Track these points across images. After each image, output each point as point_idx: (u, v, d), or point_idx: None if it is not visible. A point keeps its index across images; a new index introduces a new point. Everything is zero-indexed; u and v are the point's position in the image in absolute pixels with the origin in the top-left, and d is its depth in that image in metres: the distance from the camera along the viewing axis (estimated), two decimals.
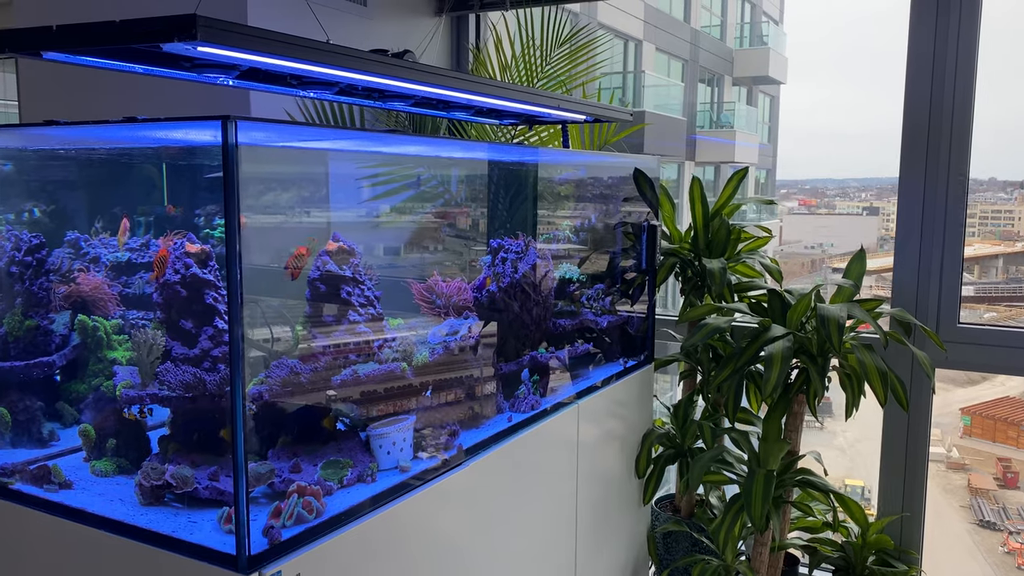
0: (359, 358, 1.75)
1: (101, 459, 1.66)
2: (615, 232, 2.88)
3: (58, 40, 1.49)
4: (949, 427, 19.94)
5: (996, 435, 19.26)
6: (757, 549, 2.64)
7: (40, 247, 1.80)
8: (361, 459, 1.69)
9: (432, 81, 1.95)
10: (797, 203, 31.31)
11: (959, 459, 18.67)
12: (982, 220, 28.23)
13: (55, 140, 1.75)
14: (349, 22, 3.14)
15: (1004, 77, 31.40)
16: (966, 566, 14.80)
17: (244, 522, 1.35)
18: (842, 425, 19.67)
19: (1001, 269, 25.75)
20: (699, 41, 18.06)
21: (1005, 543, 15.34)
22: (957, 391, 21.20)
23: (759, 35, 20.61)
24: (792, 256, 25.25)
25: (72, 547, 1.54)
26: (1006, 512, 16.36)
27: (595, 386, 2.55)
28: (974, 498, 16.99)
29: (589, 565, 2.56)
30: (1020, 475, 17.78)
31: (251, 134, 1.34)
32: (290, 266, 1.66)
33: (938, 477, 18.20)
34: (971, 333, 2.78)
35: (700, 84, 18.29)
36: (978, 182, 27.52)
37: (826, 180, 26.12)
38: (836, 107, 49.83)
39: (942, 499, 17.34)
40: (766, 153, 21.23)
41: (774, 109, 22.68)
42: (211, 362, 1.61)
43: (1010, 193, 29.03)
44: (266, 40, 1.50)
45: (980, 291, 23.59)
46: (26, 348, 1.80)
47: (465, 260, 2.28)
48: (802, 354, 2.52)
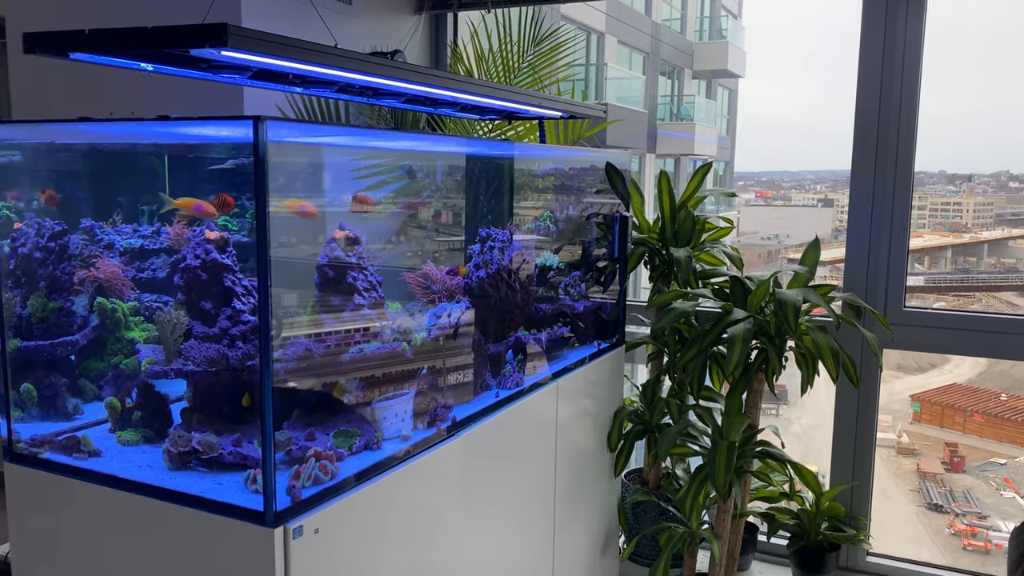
0: (364, 338, 1.91)
1: (127, 429, 1.80)
2: (589, 222, 3.07)
3: (90, 43, 1.61)
4: (900, 413, 20.56)
5: (944, 421, 19.87)
6: (720, 516, 2.85)
7: (63, 233, 1.93)
8: (368, 429, 1.85)
9: (425, 81, 2.12)
10: (754, 195, 31.86)
11: (909, 444, 19.25)
12: (932, 212, 29.01)
13: (82, 135, 1.87)
14: (334, 19, 3.28)
15: (954, 74, 32.27)
16: (914, 548, 15.34)
17: (272, 481, 1.51)
18: (797, 412, 20.18)
19: (950, 260, 26.53)
20: (660, 34, 18.34)
21: (951, 525, 15.89)
22: (908, 378, 21.85)
23: (718, 29, 20.97)
24: (749, 247, 25.74)
25: (106, 509, 1.68)
26: (952, 495, 16.94)
27: (571, 366, 2.74)
28: (922, 482, 17.55)
29: (566, 533, 2.75)
30: (966, 459, 18.38)
31: (278, 131, 1.48)
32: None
33: (889, 462, 18.77)
34: (916, 316, 3.02)
35: (661, 77, 18.58)
36: (928, 175, 28.26)
37: (782, 172, 26.67)
38: (793, 101, 50.81)
39: (892, 483, 17.91)
40: (724, 146, 21.64)
41: (732, 102, 23.11)
42: (230, 339, 1.75)
43: (959, 186, 29.87)
44: (285, 46, 1.64)
45: (930, 281, 24.31)
46: (49, 329, 1.92)
47: (456, 252, 2.45)
48: (761, 335, 2.73)
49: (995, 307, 22.54)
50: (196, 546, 1.59)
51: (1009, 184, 28.80)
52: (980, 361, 20.91)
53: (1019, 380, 20.75)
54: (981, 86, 29.61)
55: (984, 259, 26.82)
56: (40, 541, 1.80)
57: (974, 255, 27.01)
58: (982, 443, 18.92)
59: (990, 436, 19.07)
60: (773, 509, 3.16)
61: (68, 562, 1.76)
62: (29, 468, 1.78)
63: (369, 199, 1.95)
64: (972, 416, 19.53)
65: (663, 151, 17.48)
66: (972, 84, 30.93)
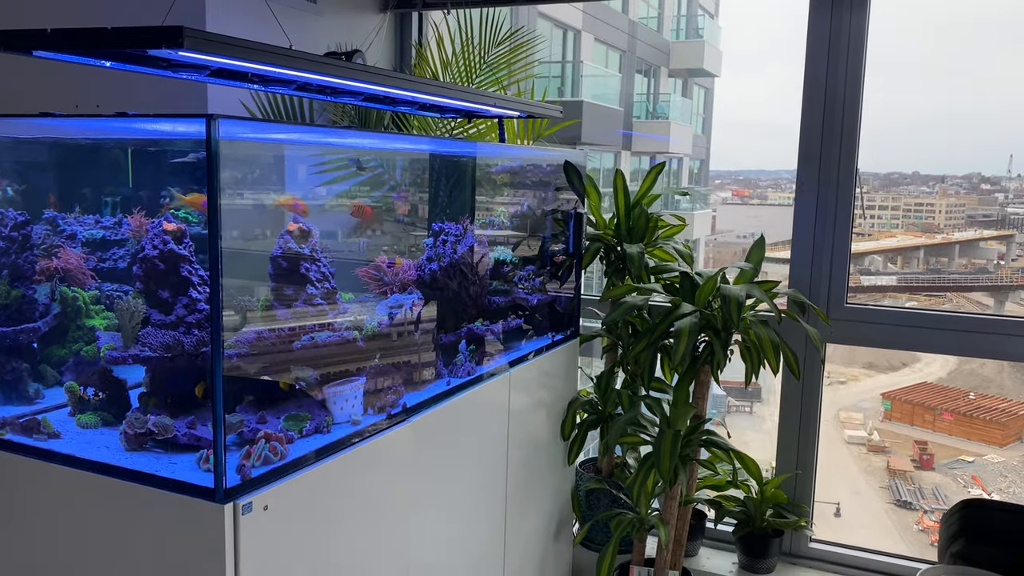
0: (316, 326, 2.00)
1: (86, 413, 1.88)
2: (546, 219, 3.17)
3: (52, 42, 1.68)
4: (871, 411, 20.84)
5: (914, 419, 20.14)
6: (667, 503, 2.97)
7: (25, 223, 2.00)
8: (318, 413, 1.94)
9: (378, 81, 2.20)
10: (731, 193, 32.11)
11: (879, 442, 19.52)
12: (905, 213, 29.38)
13: (43, 130, 1.94)
14: (300, 18, 3.35)
15: (928, 74, 32.72)
16: (883, 543, 15.57)
17: (222, 459, 1.60)
18: (771, 410, 20.39)
19: (922, 260, 26.89)
20: (636, 32, 18.48)
21: (920, 522, 16.15)
22: (879, 376, 22.15)
23: (695, 28, 21.15)
24: (725, 245, 25.96)
25: (64, 488, 1.76)
26: (922, 492, 17.20)
27: (525, 357, 2.84)
28: (892, 479, 17.81)
29: (519, 518, 2.85)
30: (935, 457, 18.67)
31: (229, 128, 1.57)
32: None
33: (859, 459, 19.04)
34: (857, 312, 3.14)
35: (637, 75, 18.73)
36: (902, 175, 28.61)
37: (759, 171, 26.88)
38: (770, 101, 51.32)
39: (862, 480, 18.17)
40: (700, 144, 21.84)
41: (708, 101, 23.31)
42: (186, 327, 1.84)
43: (932, 187, 30.25)
44: (238, 47, 1.72)
45: (902, 281, 24.62)
46: (12, 316, 1.99)
47: (406, 244, 2.54)
48: (708, 329, 2.85)
49: (966, 307, 22.88)
50: (151, 522, 1.67)
51: (981, 186, 29.21)
52: (950, 360, 21.23)
53: (987, 379, 21.09)
54: (954, 87, 30.05)
55: (955, 260, 27.19)
56: (1, 519, 1.87)
57: (946, 255, 27.38)
58: (951, 441, 19.19)
59: (959, 434, 19.35)
60: (720, 497, 3.28)
61: (26, 537, 1.83)
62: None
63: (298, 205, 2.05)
64: (941, 414, 19.79)
65: (639, 149, 17.64)
66: (946, 85, 31.39)
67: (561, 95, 14.68)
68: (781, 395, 3.31)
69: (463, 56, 3.55)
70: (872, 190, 24.76)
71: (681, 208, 16.63)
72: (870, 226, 25.00)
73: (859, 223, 20.19)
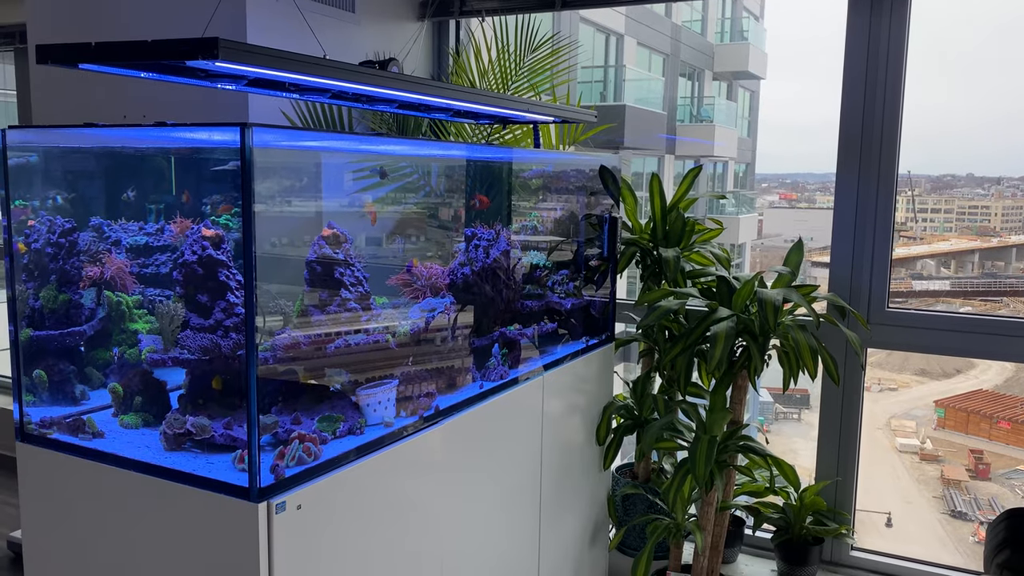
0: (350, 330, 2.04)
1: (128, 413, 1.94)
2: (581, 223, 3.18)
3: (96, 55, 1.75)
4: (924, 419, 20.38)
5: (969, 427, 19.63)
6: (704, 509, 2.95)
7: (72, 231, 2.07)
8: (351, 415, 1.97)
9: (411, 88, 2.24)
10: (778, 197, 31.65)
11: (933, 451, 19.08)
12: (959, 215, 28.65)
13: (89, 139, 2.01)
14: (339, 27, 3.41)
15: (982, 75, 31.92)
16: (937, 555, 15.20)
17: (256, 459, 1.64)
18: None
19: (977, 264, 26.20)
20: (680, 36, 18.37)
21: (976, 533, 15.73)
22: (932, 384, 21.64)
23: (739, 31, 20.94)
24: (771, 249, 25.61)
25: (106, 485, 1.82)
26: (977, 503, 16.75)
27: (560, 361, 2.85)
28: (947, 489, 17.38)
29: (553, 522, 2.86)
30: (992, 466, 18.19)
31: (263, 137, 1.61)
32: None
33: (912, 468, 18.62)
34: (898, 316, 3.09)
35: (681, 78, 18.60)
36: (956, 177, 27.93)
37: (807, 175, 26.45)
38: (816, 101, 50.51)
39: (915, 489, 17.76)
40: (746, 147, 21.60)
41: (754, 104, 23.04)
42: (223, 330, 1.89)
43: (987, 189, 29.47)
44: (271, 57, 1.77)
45: (956, 285, 24.03)
46: (59, 319, 2.07)
47: (446, 249, 2.57)
48: (745, 334, 2.83)
49: (1022, 313, 22.27)
50: (188, 520, 1.72)
51: None
52: (1007, 366, 20.66)
53: None
54: (1010, 87, 29.24)
55: (1012, 263, 26.46)
56: (46, 513, 1.94)
57: (1002, 259, 26.65)
58: (1008, 450, 18.68)
59: (1016, 443, 18.82)
60: (758, 503, 3.25)
61: (70, 532, 1.90)
62: (38, 447, 1.93)
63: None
64: (998, 423, 19.28)
65: (682, 153, 17.51)
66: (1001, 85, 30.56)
67: (603, 99, 14.64)
68: (821, 401, 3.27)
69: (499, 63, 3.58)
70: (924, 193, 24.21)
71: (726, 212, 16.46)
72: (922, 229, 24.46)
73: (911, 226, 19.76)
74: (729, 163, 19.84)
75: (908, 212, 19.32)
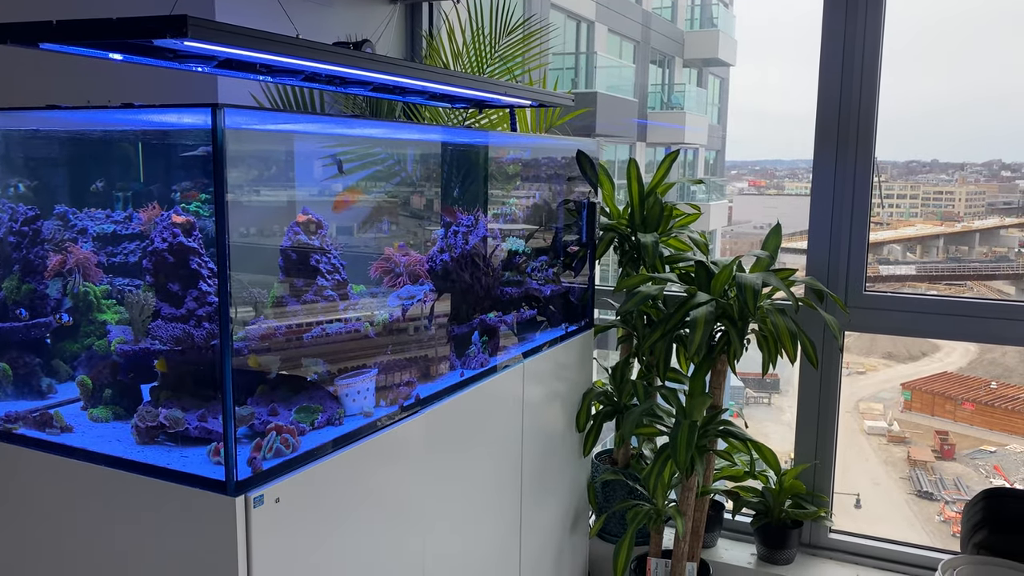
0: (328, 318, 1.99)
1: (98, 407, 1.87)
2: (558, 209, 3.14)
3: (58, 34, 1.67)
4: (891, 402, 20.66)
5: (935, 409, 19.95)
6: (684, 494, 2.94)
7: (35, 219, 2.00)
8: (330, 405, 1.92)
9: (387, 70, 2.18)
10: (747, 184, 31.84)
11: (900, 432, 19.36)
12: (924, 201, 29.01)
13: (52, 122, 1.94)
14: (312, 11, 3.34)
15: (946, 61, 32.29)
16: (904, 534, 15.45)
17: (232, 452, 1.59)
18: (790, 402, 20.27)
19: (942, 249, 26.58)
20: (650, 23, 18.36)
21: (941, 512, 16.00)
22: (899, 367, 21.95)
23: (709, 18, 20.97)
24: (742, 235, 25.77)
25: (77, 481, 1.75)
26: (943, 483, 17.04)
27: (539, 348, 2.82)
28: (913, 469, 17.66)
29: (534, 510, 2.83)
30: (957, 447, 18.49)
31: (235, 118, 1.55)
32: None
33: (879, 450, 18.89)
34: (875, 299, 3.10)
35: (652, 65, 18.60)
36: (921, 164, 28.27)
37: (776, 161, 26.59)
38: (785, 89, 50.73)
39: (883, 471, 18.03)
40: (716, 134, 21.67)
41: (724, 91, 23.12)
42: (196, 320, 1.83)
43: (951, 175, 29.87)
44: (244, 36, 1.70)
45: (921, 270, 24.37)
46: (23, 310, 1.99)
47: (420, 237, 2.52)
48: (724, 318, 2.81)
49: (987, 295, 22.62)
50: (162, 515, 1.67)
51: (1001, 173, 28.80)
52: (971, 349, 21.02)
53: (1009, 368, 20.86)
54: (974, 74, 29.64)
55: (976, 248, 26.88)
56: (14, 511, 1.87)
57: (966, 244, 27.06)
58: (972, 431, 19.01)
59: (980, 424, 19.16)
60: (738, 488, 3.25)
61: (40, 531, 1.83)
62: (4, 443, 1.86)
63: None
64: (962, 404, 19.61)
65: (653, 139, 17.53)
66: (965, 72, 30.95)
67: (575, 86, 14.59)
68: (799, 384, 3.27)
69: (474, 46, 3.53)
70: (890, 179, 24.47)
71: (697, 199, 16.50)
72: (888, 215, 24.74)
73: (877, 212, 19.99)
74: (700, 150, 19.92)
75: (875, 198, 19.58)
